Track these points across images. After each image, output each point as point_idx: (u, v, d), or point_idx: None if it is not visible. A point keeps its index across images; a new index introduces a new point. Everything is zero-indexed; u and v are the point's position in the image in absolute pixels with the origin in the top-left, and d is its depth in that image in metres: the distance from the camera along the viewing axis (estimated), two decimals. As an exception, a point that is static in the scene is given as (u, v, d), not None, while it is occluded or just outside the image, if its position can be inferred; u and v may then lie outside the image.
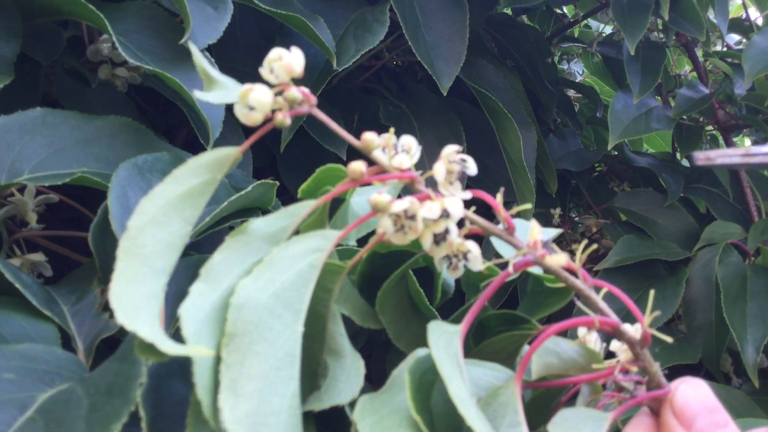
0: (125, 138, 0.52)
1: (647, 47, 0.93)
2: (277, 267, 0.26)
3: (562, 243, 1.03)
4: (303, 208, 0.30)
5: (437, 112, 0.81)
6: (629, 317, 0.81)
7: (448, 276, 0.41)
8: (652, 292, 0.33)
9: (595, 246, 0.34)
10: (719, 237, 0.86)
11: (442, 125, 0.79)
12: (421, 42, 0.67)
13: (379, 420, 0.25)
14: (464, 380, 0.26)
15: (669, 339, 0.31)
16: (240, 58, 0.75)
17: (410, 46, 0.66)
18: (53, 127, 0.49)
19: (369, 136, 0.30)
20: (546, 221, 0.96)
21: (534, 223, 0.29)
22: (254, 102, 0.28)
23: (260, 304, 0.25)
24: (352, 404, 0.26)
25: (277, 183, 0.50)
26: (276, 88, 0.29)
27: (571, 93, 1.28)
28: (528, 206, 0.31)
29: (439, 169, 0.29)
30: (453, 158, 0.30)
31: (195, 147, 0.60)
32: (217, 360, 0.24)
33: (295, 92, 0.29)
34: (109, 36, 0.62)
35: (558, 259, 0.29)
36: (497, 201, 0.30)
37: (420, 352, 0.29)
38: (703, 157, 0.32)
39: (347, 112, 0.87)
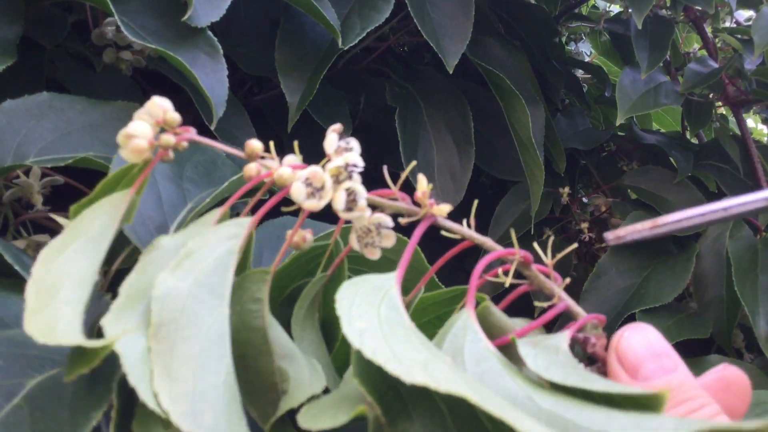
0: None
1: (655, 22, 0.92)
2: (195, 257, 0.26)
3: (571, 223, 1.02)
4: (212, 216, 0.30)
5: (444, 92, 0.80)
6: (638, 294, 0.80)
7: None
8: (475, 203, 0.32)
9: (574, 246, 0.35)
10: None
11: (449, 105, 0.79)
12: (426, 20, 0.66)
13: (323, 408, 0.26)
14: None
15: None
16: (243, 41, 0.75)
17: (415, 27, 0.65)
18: (59, 111, 0.49)
19: (254, 143, 0.30)
20: (555, 201, 0.95)
21: (420, 176, 0.30)
22: (134, 131, 0.28)
23: (183, 293, 0.25)
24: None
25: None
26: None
27: (579, 73, 1.27)
28: (448, 208, 0.31)
29: (330, 142, 0.29)
30: (335, 135, 0.30)
31: (200, 132, 0.60)
32: (148, 350, 0.24)
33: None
34: (112, 17, 0.62)
35: (443, 208, 0.30)
36: (384, 172, 0.31)
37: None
38: (613, 237, 0.33)
39: (353, 94, 0.86)
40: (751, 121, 1.63)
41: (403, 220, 0.30)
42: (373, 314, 0.25)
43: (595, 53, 1.38)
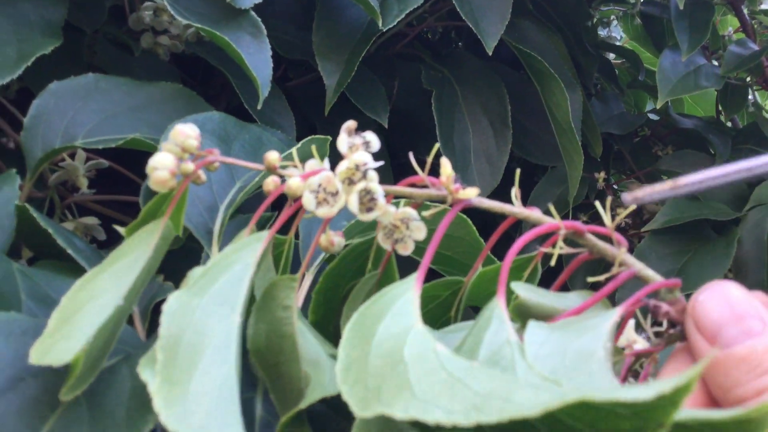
0: (176, 104, 0.52)
1: (695, 4, 0.91)
2: (211, 274, 0.27)
3: (605, 209, 1.01)
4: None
5: (480, 76, 0.80)
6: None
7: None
8: (518, 171, 0.31)
9: (634, 207, 0.33)
10: (770, 196, 0.83)
11: (485, 88, 0.78)
12: (465, 1, 0.66)
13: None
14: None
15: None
16: (279, 24, 0.74)
17: (450, 10, 0.65)
18: (105, 92, 0.50)
19: (272, 155, 0.30)
20: (590, 186, 0.94)
21: (444, 160, 0.29)
22: (156, 163, 0.29)
23: (193, 306, 0.25)
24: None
25: (330, 138, 0.49)
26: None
27: (611, 57, 1.25)
28: (475, 191, 0.30)
29: (341, 142, 0.29)
30: (352, 133, 0.30)
31: (238, 116, 0.60)
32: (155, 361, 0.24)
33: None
34: (150, 2, 0.62)
35: (470, 192, 0.29)
36: (411, 159, 0.30)
37: None
38: (631, 197, 0.30)
39: (386, 79, 0.86)
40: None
41: (427, 213, 0.29)
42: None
43: (626, 37, 1.36)
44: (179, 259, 0.40)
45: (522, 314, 0.29)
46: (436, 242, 0.28)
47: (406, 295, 0.26)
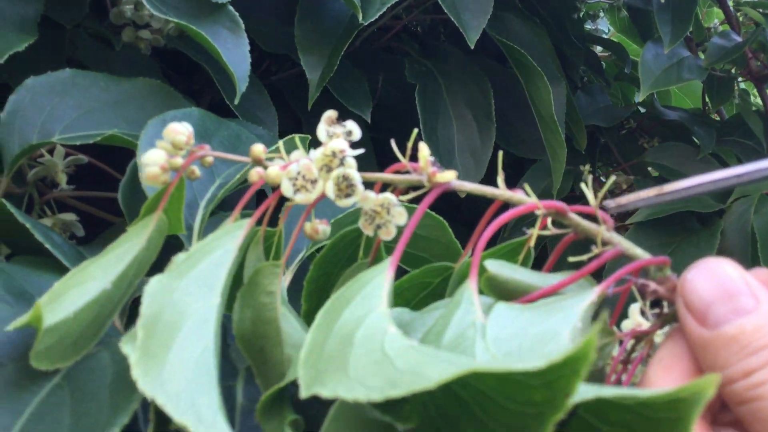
0: (155, 100, 0.52)
1: (678, -5, 0.91)
2: (193, 259, 0.27)
3: (588, 186, 1.01)
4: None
5: (464, 70, 0.80)
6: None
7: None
8: (500, 154, 0.31)
9: (613, 179, 0.32)
10: (754, 188, 0.84)
11: (469, 82, 0.78)
12: (446, -6, 0.66)
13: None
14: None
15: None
16: (261, 18, 0.74)
17: (431, 5, 0.65)
18: (83, 88, 0.49)
19: (257, 148, 0.31)
20: (575, 178, 0.95)
21: (422, 145, 0.29)
22: (148, 160, 0.30)
23: (173, 287, 0.26)
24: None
25: (309, 137, 0.49)
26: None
27: (598, 50, 1.25)
28: (452, 174, 0.30)
29: (320, 131, 0.29)
30: (332, 122, 0.30)
31: (219, 112, 0.59)
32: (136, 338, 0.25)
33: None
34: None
35: (448, 174, 0.29)
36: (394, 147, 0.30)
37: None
38: (614, 204, 0.30)
39: (371, 73, 0.86)
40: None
41: (404, 197, 0.29)
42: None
43: (612, 30, 1.36)
44: (160, 256, 0.40)
45: (495, 290, 0.29)
46: (414, 222, 0.28)
47: (377, 279, 0.26)
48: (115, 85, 0.50)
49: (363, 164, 0.29)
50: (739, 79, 1.07)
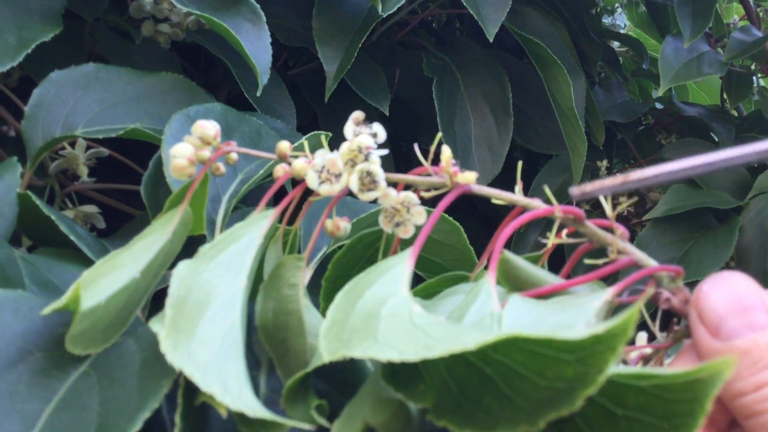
0: (177, 95, 0.52)
1: (698, -11, 0.90)
2: (220, 246, 0.28)
3: (607, 198, 1.01)
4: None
5: (481, 64, 0.79)
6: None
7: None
8: (519, 164, 0.31)
9: (636, 199, 0.32)
10: (775, 184, 0.83)
11: (487, 77, 0.78)
12: (465, -13, 0.65)
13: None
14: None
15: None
16: (280, 13, 0.74)
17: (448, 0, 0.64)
18: (106, 82, 0.50)
19: (283, 145, 0.32)
20: (593, 174, 0.94)
21: (444, 147, 0.29)
22: (176, 152, 0.30)
23: (200, 270, 0.27)
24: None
25: (330, 134, 0.50)
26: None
27: (615, 46, 1.25)
28: (473, 175, 0.30)
29: (347, 129, 0.30)
30: (359, 123, 0.30)
31: (236, 106, 0.60)
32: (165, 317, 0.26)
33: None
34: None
35: (468, 176, 0.29)
36: (415, 149, 0.30)
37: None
38: (579, 192, 0.29)
39: (388, 68, 0.86)
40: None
41: (427, 194, 0.30)
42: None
43: (630, 25, 1.35)
44: (182, 250, 0.41)
45: (508, 277, 0.30)
46: (433, 221, 0.28)
47: (398, 266, 0.26)
48: (138, 80, 0.51)
49: (381, 160, 0.30)
50: (759, 75, 1.05)
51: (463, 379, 0.23)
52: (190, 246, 0.32)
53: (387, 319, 0.23)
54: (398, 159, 0.93)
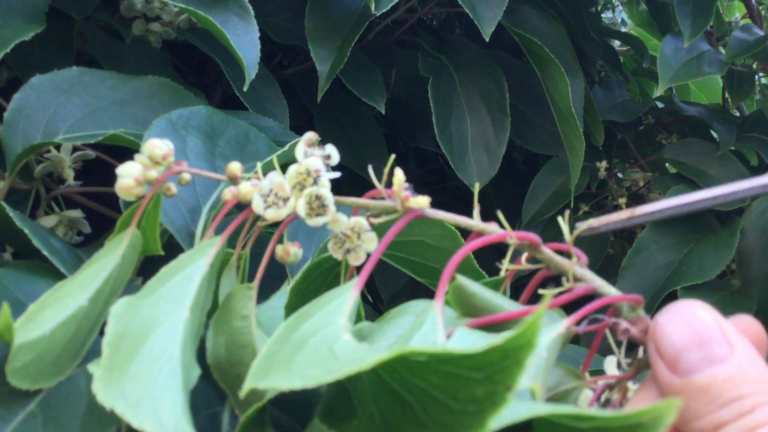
0: (163, 99, 0.51)
1: (699, -12, 0.89)
2: (163, 278, 0.27)
3: (608, 198, 1.00)
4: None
5: (478, 63, 0.78)
6: (679, 271, 0.78)
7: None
8: (477, 186, 0.30)
9: (590, 222, 0.31)
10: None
11: (484, 76, 0.77)
12: (461, -14, 0.64)
13: None
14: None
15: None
16: (273, 10, 0.73)
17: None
18: (89, 86, 0.48)
19: (233, 166, 0.31)
20: (591, 175, 0.93)
21: (397, 170, 0.28)
22: (122, 171, 0.29)
23: (140, 305, 0.25)
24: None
25: (320, 138, 0.48)
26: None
27: (615, 45, 1.23)
28: (426, 200, 0.29)
29: (298, 151, 0.29)
30: (312, 144, 0.30)
31: (230, 106, 0.58)
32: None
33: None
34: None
35: (422, 200, 0.28)
36: (370, 172, 0.29)
37: None
38: (586, 227, 0.29)
39: (384, 67, 0.85)
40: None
41: (375, 220, 0.29)
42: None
43: (631, 24, 1.34)
44: (164, 263, 0.39)
45: (461, 303, 0.29)
46: (381, 249, 0.27)
47: (342, 297, 0.25)
48: (123, 84, 0.49)
49: (375, 161, 0.28)
50: (761, 74, 1.04)
51: (386, 408, 0.22)
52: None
53: (309, 349, 0.22)
54: (396, 160, 0.91)
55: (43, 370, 0.26)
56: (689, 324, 0.23)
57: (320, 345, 0.22)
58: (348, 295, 0.25)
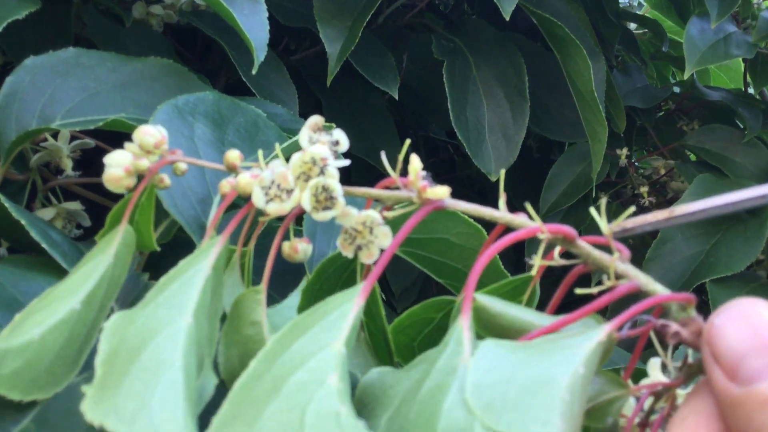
0: (166, 81, 0.48)
1: (726, -34, 0.85)
2: (160, 287, 0.24)
3: (627, 187, 0.97)
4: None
5: (495, 45, 0.75)
6: (707, 263, 0.75)
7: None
8: (502, 173, 0.27)
9: (631, 210, 0.27)
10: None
11: (501, 59, 0.73)
12: (479, -36, 0.61)
13: None
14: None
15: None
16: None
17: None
18: (88, 69, 0.46)
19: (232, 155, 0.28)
20: (612, 163, 0.90)
21: (413, 157, 0.26)
22: (110, 160, 0.27)
23: (135, 317, 0.23)
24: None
25: (333, 125, 0.45)
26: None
27: (632, 27, 1.19)
28: (446, 191, 0.26)
29: (302, 137, 0.27)
30: (317, 129, 0.27)
31: (235, 92, 0.55)
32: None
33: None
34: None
35: (441, 191, 0.25)
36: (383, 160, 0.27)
37: None
38: (620, 229, 0.26)
39: (395, 51, 0.81)
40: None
41: (389, 214, 0.26)
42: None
43: (647, 6, 1.30)
44: (177, 254, 0.37)
45: (486, 327, 0.26)
46: (396, 244, 0.25)
47: (343, 307, 0.23)
48: (123, 65, 0.47)
49: (388, 148, 0.26)
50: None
51: None
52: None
53: (284, 398, 0.20)
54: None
55: (36, 379, 0.24)
56: (751, 326, 0.21)
57: (298, 394, 0.20)
58: (349, 305, 0.22)
